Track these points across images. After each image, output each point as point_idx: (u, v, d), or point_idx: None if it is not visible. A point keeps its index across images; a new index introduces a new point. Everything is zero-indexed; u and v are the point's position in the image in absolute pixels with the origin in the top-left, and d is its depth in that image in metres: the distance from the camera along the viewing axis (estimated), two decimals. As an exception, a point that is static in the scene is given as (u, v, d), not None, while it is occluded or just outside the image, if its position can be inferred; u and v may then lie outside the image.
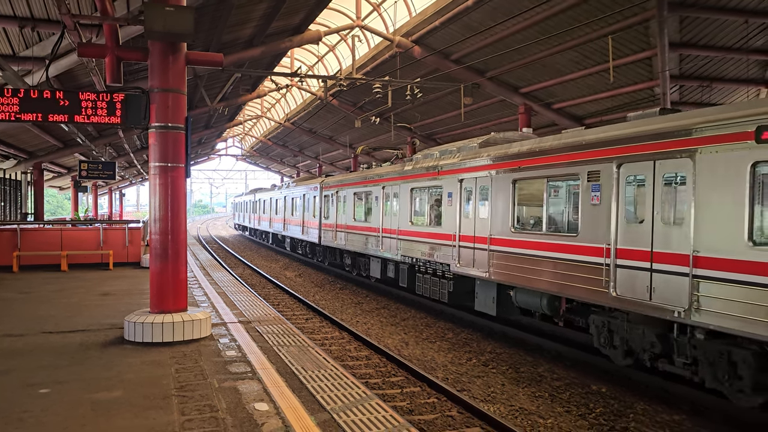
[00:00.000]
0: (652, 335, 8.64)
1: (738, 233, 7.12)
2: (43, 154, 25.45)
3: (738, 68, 17.56)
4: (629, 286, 8.69)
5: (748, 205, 7.05)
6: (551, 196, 10.87)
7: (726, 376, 7.57)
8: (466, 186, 13.30)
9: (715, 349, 7.69)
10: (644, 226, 8.53)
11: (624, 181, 8.96)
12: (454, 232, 13.71)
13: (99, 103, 8.48)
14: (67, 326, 9.21)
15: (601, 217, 9.32)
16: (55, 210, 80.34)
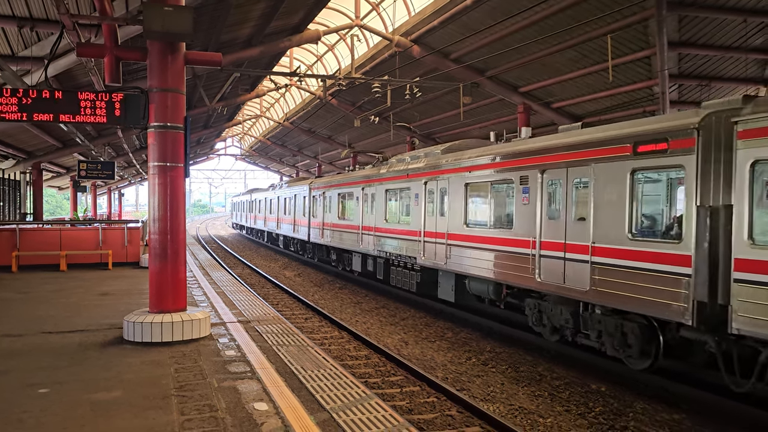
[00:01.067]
0: (567, 313, 10.45)
1: (622, 227, 8.94)
2: (42, 153, 25.44)
3: (737, 67, 17.57)
4: (550, 273, 10.46)
5: (628, 204, 8.89)
6: (494, 197, 12.73)
7: (620, 345, 9.38)
8: (430, 188, 15.15)
9: (611, 323, 9.49)
10: (560, 222, 10.29)
11: (546, 185, 10.72)
12: (420, 229, 15.50)
13: (98, 102, 8.47)
14: (66, 326, 9.21)
15: (529, 215, 11.10)
16: (54, 210, 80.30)
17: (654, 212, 9.03)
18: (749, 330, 7.09)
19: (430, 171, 15.13)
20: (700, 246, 7.77)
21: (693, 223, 7.86)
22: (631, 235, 8.79)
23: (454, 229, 13.76)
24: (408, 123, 29.34)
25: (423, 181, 15.42)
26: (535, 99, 21.83)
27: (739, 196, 7.30)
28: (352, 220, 20.53)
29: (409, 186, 16.27)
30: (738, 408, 8.10)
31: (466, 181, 13.40)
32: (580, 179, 9.92)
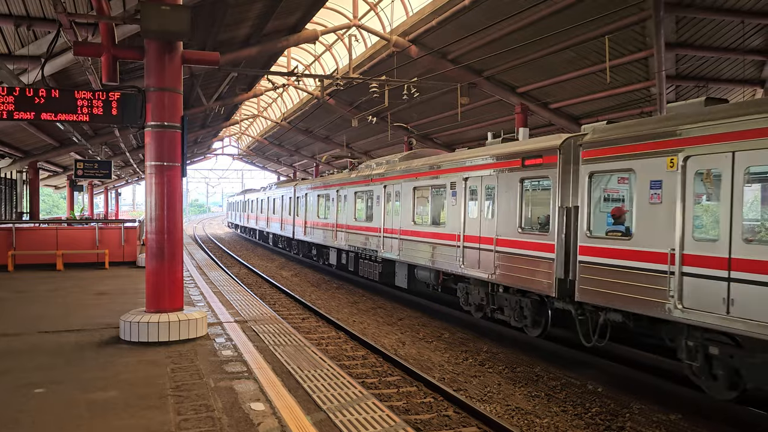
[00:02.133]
0: (483, 293, 12.91)
1: (514, 223, 11.47)
2: (38, 153, 25.36)
3: (734, 68, 17.61)
4: (470, 261, 12.90)
5: (518, 205, 11.40)
6: (433, 199, 15.03)
7: (519, 317, 11.85)
8: (388, 191, 17.31)
9: (513, 300, 11.98)
10: (477, 220, 12.81)
11: (468, 189, 13.16)
12: (380, 226, 17.65)
13: (95, 101, 8.47)
14: (62, 326, 9.19)
15: (456, 214, 13.51)
16: (51, 209, 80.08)
17: (534, 211, 11.46)
18: (586, 299, 9.62)
19: (389, 176, 17.39)
20: (559, 237, 10.22)
21: (555, 220, 10.29)
22: (520, 229, 11.32)
23: (406, 226, 16.08)
24: (405, 123, 29.35)
25: (383, 185, 17.66)
26: (533, 99, 21.85)
27: (582, 199, 9.78)
28: (329, 218, 22.79)
29: (372, 189, 18.60)
30: (734, 409, 8.12)
31: (414, 185, 15.73)
32: (489, 185, 12.41)
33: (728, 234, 7.37)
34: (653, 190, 8.57)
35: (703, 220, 8.26)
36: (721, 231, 7.48)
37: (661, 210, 8.38)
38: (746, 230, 7.39)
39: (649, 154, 8.62)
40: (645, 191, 8.67)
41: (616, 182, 10.01)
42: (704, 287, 7.65)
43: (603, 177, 9.79)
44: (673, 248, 8.09)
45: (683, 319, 7.92)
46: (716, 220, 7.66)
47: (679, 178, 8.09)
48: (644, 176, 8.68)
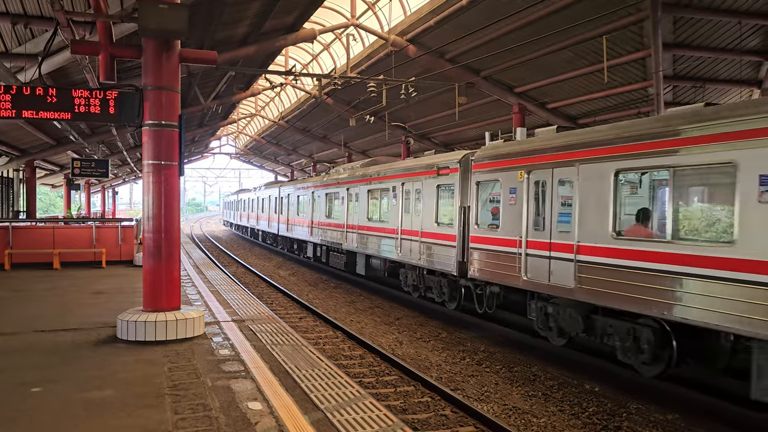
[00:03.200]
0: (415, 276, 15.93)
1: (432, 219, 14.46)
2: (35, 151, 25.27)
3: (731, 69, 17.64)
4: (405, 250, 15.95)
5: (435, 205, 14.40)
6: (381, 199, 17.93)
7: (440, 295, 14.77)
8: (350, 193, 20.28)
9: (435, 280, 14.92)
10: (410, 215, 15.67)
11: (404, 192, 16.10)
12: (344, 222, 20.67)
13: (92, 100, 8.45)
14: (59, 325, 9.17)
15: (396, 212, 16.55)
16: (48, 208, 79.90)
17: (445, 210, 14.18)
18: (476, 276, 12.60)
19: (351, 181, 20.37)
20: (459, 229, 13.30)
21: (456, 216, 13.42)
22: (437, 223, 14.29)
23: (362, 223, 18.96)
24: (403, 123, 29.34)
25: (346, 187, 20.70)
26: (531, 99, 21.86)
27: (472, 201, 12.89)
28: (306, 216, 25.73)
29: (338, 191, 21.57)
30: (731, 409, 8.14)
31: (368, 188, 18.78)
32: (417, 189, 15.36)
33: (550, 226, 10.36)
34: (511, 195, 11.54)
35: (536, 216, 10.96)
36: (546, 224, 10.51)
37: (515, 209, 11.38)
38: (537, 223, 10.74)
39: (509, 169, 11.68)
40: (507, 195, 11.66)
41: (495, 188, 12.46)
42: (537, 264, 10.66)
43: (485, 184, 12.68)
44: (521, 236, 11.11)
45: (527, 287, 11.00)
46: (543, 217, 10.67)
47: (525, 186, 11.10)
48: (506, 184, 11.72)
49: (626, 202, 9.50)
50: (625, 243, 8.90)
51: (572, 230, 9.84)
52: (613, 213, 9.15)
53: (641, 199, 9.50)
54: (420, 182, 15.21)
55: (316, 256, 24.81)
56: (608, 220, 9.18)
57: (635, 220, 9.20)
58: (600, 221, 9.34)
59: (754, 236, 7.08)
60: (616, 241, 9.02)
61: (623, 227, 9.20)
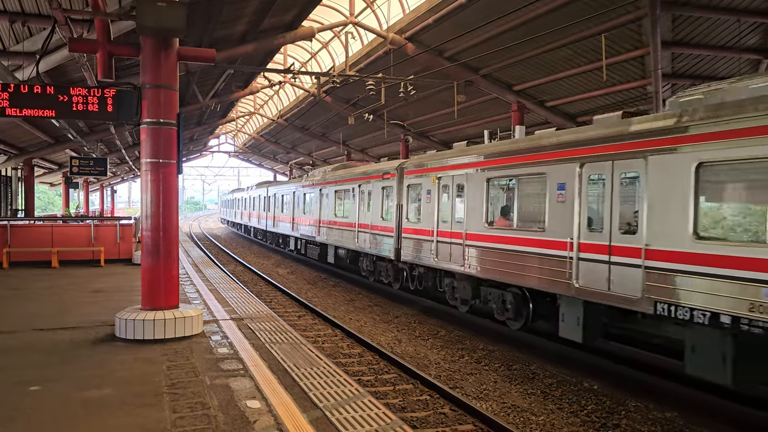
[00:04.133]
0: (370, 263, 19.03)
1: (379, 214, 17.21)
2: (33, 150, 25.24)
3: (730, 67, 17.64)
4: (361, 241, 18.78)
5: (381, 203, 17.34)
6: (345, 198, 20.88)
7: (386, 277, 17.91)
8: (322, 193, 23.22)
9: (384, 265, 18.00)
10: (364, 212, 18.54)
11: (360, 192, 19.12)
12: (317, 218, 23.56)
13: (90, 98, 8.42)
14: (57, 323, 9.16)
15: (354, 208, 19.58)
16: (46, 206, 79.80)
17: (387, 207, 17.13)
18: (407, 260, 15.77)
19: (322, 182, 23.31)
20: (395, 223, 16.24)
21: (394, 212, 16.36)
22: (382, 218, 17.24)
23: (331, 218, 21.82)
24: (402, 121, 29.32)
25: (319, 188, 23.60)
26: (529, 97, 21.85)
27: (405, 200, 15.90)
28: (288, 213, 28.76)
29: (314, 192, 24.32)
30: (729, 407, 8.15)
31: (335, 189, 21.71)
32: (369, 190, 18.39)
33: (450, 219, 13.67)
34: (427, 195, 14.70)
35: (444, 212, 13.93)
36: (448, 217, 13.76)
37: (430, 206, 14.49)
38: (444, 216, 13.97)
39: (424, 175, 15.01)
40: (425, 195, 14.88)
41: (419, 190, 15.28)
42: (445, 248, 13.72)
43: (414, 187, 15.67)
44: (433, 227, 14.26)
45: (438, 266, 14.13)
46: (447, 212, 13.79)
47: (436, 188, 14.25)
48: (424, 187, 14.90)
49: (497, 200, 12.51)
50: (492, 230, 11.99)
51: (463, 221, 13.08)
52: (486, 208, 12.30)
53: (505, 198, 12.44)
54: (371, 185, 18.27)
55: (297, 249, 27.91)
56: (483, 214, 12.32)
57: (500, 214, 12.19)
58: (479, 214, 12.47)
59: (555, 224, 10.06)
60: (488, 230, 12.12)
61: (494, 218, 12.23)
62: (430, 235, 14.29)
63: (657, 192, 8.23)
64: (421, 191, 15.01)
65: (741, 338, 7.30)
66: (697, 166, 7.64)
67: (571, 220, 9.76)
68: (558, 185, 10.07)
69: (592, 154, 9.45)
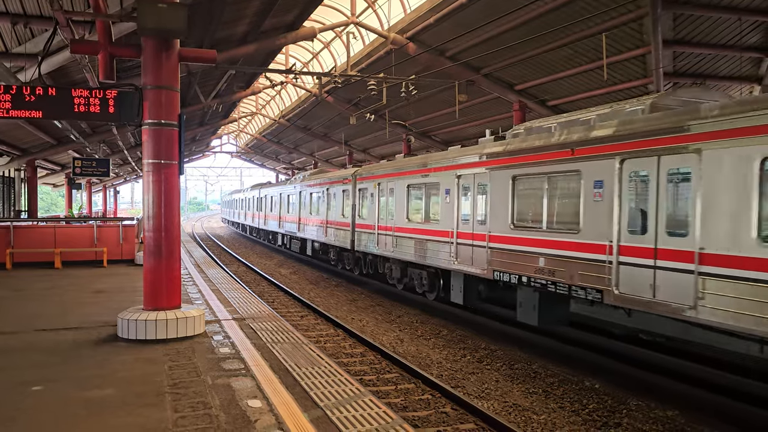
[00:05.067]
0: (335, 253, 22.77)
1: (340, 213, 21.20)
2: (36, 151, 25.30)
3: (731, 65, 17.61)
4: (330, 235, 22.17)
5: (341, 204, 21.20)
6: (316, 200, 24.61)
7: (350, 264, 21.35)
8: (301, 195, 27.09)
9: (346, 255, 21.75)
10: (331, 211, 22.30)
11: (327, 194, 22.71)
12: (297, 216, 27.61)
13: (92, 99, 8.46)
14: (59, 324, 9.19)
15: (324, 207, 23.13)
16: (49, 207, 79.97)
17: (345, 206, 20.77)
18: (360, 249, 19.37)
19: (302, 186, 27.02)
20: (351, 220, 19.84)
21: (350, 211, 20.05)
22: (343, 216, 21.01)
23: (308, 216, 25.81)
24: (404, 121, 29.31)
25: (299, 191, 27.52)
26: (531, 97, 21.84)
27: (358, 201, 19.37)
28: (276, 213, 32.73)
29: (295, 193, 28.30)
30: (730, 405, 8.15)
31: (311, 191, 25.65)
32: (334, 192, 22.11)
33: (389, 215, 17.01)
34: (371, 197, 18.57)
35: (382, 210, 17.76)
36: (387, 213, 17.21)
37: (374, 205, 18.27)
38: (382, 213, 17.71)
39: (370, 181, 18.77)
40: (368, 197, 18.84)
41: (366, 193, 19.07)
42: (384, 239, 17.45)
43: (363, 191, 19.36)
44: (375, 223, 18.02)
45: (379, 253, 17.91)
46: (384, 210, 17.55)
47: (377, 191, 18.10)
48: (368, 191, 18.86)
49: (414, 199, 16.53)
50: (412, 224, 15.89)
51: (394, 217, 16.77)
52: (406, 206, 16.29)
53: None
54: (335, 188, 22.10)
55: (284, 243, 32.30)
56: (405, 211, 16.30)
57: (414, 210, 16.06)
58: (403, 210, 16.43)
59: (445, 217, 14.07)
60: (408, 224, 16.04)
61: (412, 213, 16.14)
62: (373, 228, 18.30)
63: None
64: (367, 194, 18.96)
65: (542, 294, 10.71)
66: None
67: (452, 215, 13.71)
68: (445, 190, 14.07)
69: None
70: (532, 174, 10.85)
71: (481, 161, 12.45)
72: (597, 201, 9.40)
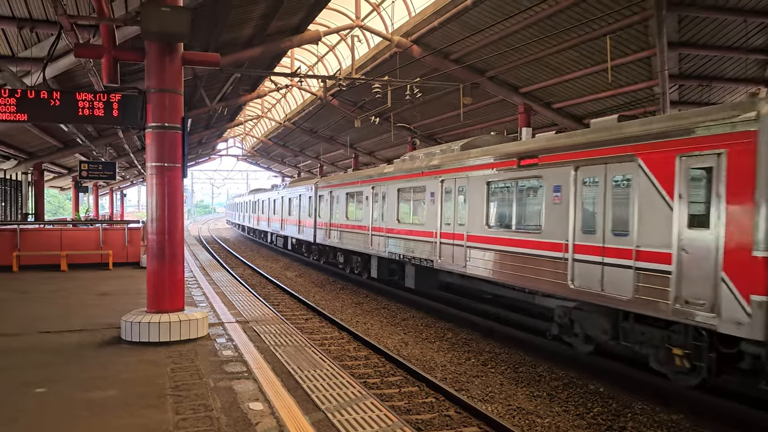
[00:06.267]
0: (306, 248, 28.76)
1: (309, 214, 26.55)
2: (43, 154, 25.46)
3: (737, 67, 17.52)
4: (302, 232, 27.64)
5: (308, 206, 26.68)
6: (293, 203, 29.41)
7: (316, 255, 26.96)
8: (283, 199, 32.01)
9: (314, 247, 26.92)
10: (304, 213, 27.40)
11: (300, 198, 28.18)
12: (280, 218, 32.70)
13: (96, 103, 8.50)
14: (64, 326, 9.22)
15: (297, 209, 28.75)
16: (57, 210, 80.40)
17: (310, 209, 25.98)
18: (321, 242, 24.85)
19: (285, 192, 31.98)
20: (314, 220, 25.43)
21: (314, 213, 25.58)
22: (309, 217, 26.04)
23: (287, 217, 30.84)
24: (408, 123, 29.33)
25: (281, 196, 32.85)
26: (536, 99, 21.80)
27: (319, 205, 24.94)
28: (266, 215, 37.67)
29: (278, 198, 33.56)
30: (735, 409, 8.09)
31: (289, 197, 30.71)
32: (304, 196, 26.88)
33: (329, 215, 23.49)
34: (324, 201, 23.80)
35: (334, 211, 22.66)
36: (340, 215, 22.18)
37: (328, 207, 23.39)
38: (333, 214, 23.12)
39: (328, 188, 23.55)
40: (327, 202, 23.58)
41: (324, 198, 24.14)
42: (331, 233, 22.87)
43: (323, 197, 24.17)
44: (329, 221, 23.14)
45: (340, 246, 22.23)
46: (335, 212, 22.82)
47: (329, 197, 23.19)
48: (326, 196, 23.62)
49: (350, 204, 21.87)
50: (347, 221, 21.38)
51: (339, 216, 22.17)
52: (344, 209, 21.80)
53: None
54: (306, 193, 26.93)
55: (271, 241, 38.02)
56: (343, 212, 21.86)
57: (347, 212, 21.73)
58: (343, 212, 21.99)
59: (365, 217, 19.87)
60: (346, 221, 21.56)
61: (344, 214, 21.85)
62: (326, 225, 23.74)
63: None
64: (323, 199, 24.44)
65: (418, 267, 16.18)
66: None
67: (368, 215, 19.64)
68: (365, 197, 20.34)
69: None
70: (407, 187, 16.89)
71: (380, 178, 19.00)
72: (432, 205, 15.20)
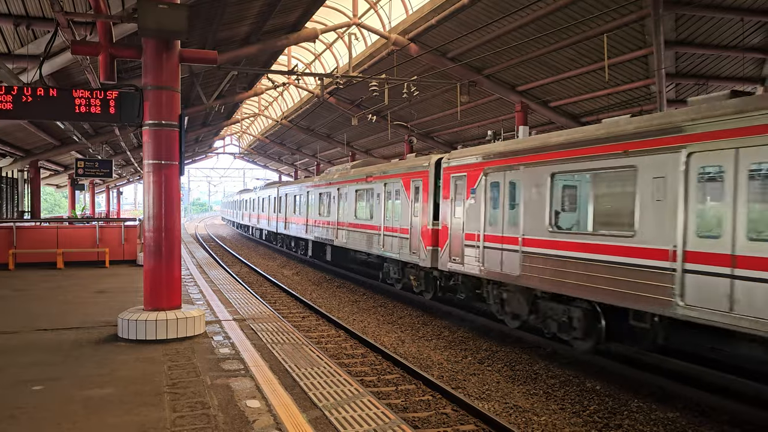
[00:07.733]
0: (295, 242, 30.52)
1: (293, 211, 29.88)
2: (39, 152, 25.40)
3: (734, 66, 17.58)
4: (288, 228, 30.44)
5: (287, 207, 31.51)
6: (277, 202, 33.38)
7: (305, 250, 28.10)
8: (270, 198, 35.53)
9: (301, 243, 28.96)
10: (280, 211, 32.53)
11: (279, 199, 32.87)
12: (267, 215, 36.17)
13: (93, 100, 8.47)
14: (61, 324, 9.20)
15: (276, 207, 33.60)
16: (53, 208, 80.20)
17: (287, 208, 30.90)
18: (286, 233, 31.16)
19: (270, 192, 35.69)
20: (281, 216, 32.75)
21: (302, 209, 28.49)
22: (280, 213, 32.65)
23: (270, 214, 34.70)
24: (406, 122, 29.34)
25: (268, 195, 36.40)
26: (533, 98, 21.84)
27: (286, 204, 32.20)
28: (256, 212, 41.28)
29: (266, 197, 36.93)
30: (732, 407, 8.12)
31: (273, 196, 34.05)
32: (281, 196, 32.45)
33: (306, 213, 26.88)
34: (300, 202, 27.84)
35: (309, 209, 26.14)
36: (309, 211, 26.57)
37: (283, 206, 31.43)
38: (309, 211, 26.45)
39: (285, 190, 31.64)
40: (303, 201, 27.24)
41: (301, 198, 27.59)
42: (309, 228, 25.90)
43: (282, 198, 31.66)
44: (307, 217, 26.01)
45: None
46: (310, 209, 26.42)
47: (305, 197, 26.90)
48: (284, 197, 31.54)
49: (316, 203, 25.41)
50: (320, 217, 24.11)
51: (308, 213, 25.88)
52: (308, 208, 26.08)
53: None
54: (291, 193, 29.80)
55: (260, 235, 42.36)
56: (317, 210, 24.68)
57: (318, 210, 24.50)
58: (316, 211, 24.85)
59: (309, 212, 26.24)
60: (320, 217, 24.03)
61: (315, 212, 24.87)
62: (304, 222, 26.68)
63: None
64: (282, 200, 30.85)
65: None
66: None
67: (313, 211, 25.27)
68: (312, 198, 24.89)
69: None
70: (324, 192, 23.42)
71: (315, 184, 25.23)
72: (333, 203, 21.41)
